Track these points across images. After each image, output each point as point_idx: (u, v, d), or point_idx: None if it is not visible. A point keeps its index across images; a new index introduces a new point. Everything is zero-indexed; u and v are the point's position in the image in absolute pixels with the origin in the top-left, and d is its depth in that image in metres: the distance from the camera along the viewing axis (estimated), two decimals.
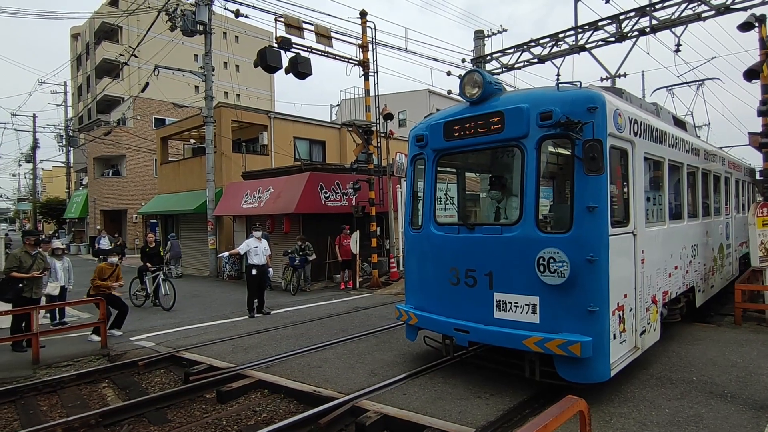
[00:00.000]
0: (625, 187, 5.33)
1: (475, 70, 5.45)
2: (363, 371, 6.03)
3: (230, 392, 5.57)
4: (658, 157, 6.20)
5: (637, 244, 5.32)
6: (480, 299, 5.17)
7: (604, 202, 4.61)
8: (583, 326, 4.56)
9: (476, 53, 16.84)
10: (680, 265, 6.85)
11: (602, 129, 4.64)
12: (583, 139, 4.50)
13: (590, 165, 4.42)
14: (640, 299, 5.35)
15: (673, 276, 6.52)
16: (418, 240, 6.01)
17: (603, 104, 4.69)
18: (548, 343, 4.56)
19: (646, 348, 5.54)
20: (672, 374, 5.59)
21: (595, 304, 4.54)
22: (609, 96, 4.97)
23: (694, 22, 11.77)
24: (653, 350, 5.99)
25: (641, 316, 5.39)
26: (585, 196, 4.62)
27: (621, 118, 5.02)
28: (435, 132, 5.76)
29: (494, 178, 6.03)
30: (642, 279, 5.41)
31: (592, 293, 4.56)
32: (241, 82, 35.45)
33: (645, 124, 5.71)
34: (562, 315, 4.67)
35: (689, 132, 8.41)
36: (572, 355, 4.45)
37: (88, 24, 43.00)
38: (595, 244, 4.57)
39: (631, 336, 5.21)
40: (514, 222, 5.07)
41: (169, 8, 17.15)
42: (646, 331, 5.50)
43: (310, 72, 13.12)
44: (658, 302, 5.94)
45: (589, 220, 4.59)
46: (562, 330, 4.64)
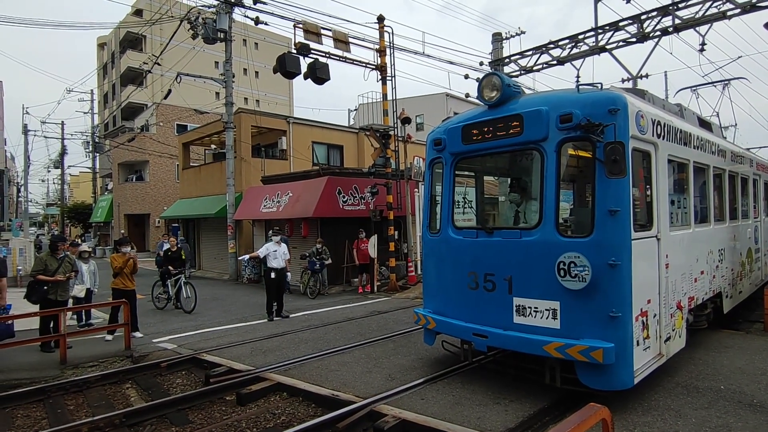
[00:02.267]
0: (648, 190, 5.22)
1: (494, 73, 5.42)
2: (381, 375, 6.02)
3: (250, 395, 5.63)
4: (682, 159, 6.06)
5: (660, 248, 5.20)
6: (499, 304, 5.12)
7: (626, 206, 4.52)
8: (605, 332, 4.47)
9: (494, 56, 16.74)
10: (706, 270, 6.66)
11: (624, 131, 4.56)
12: (605, 142, 4.42)
13: (612, 168, 4.34)
14: (664, 305, 5.22)
15: (699, 281, 6.35)
16: (436, 244, 5.98)
17: (624, 106, 4.62)
18: (569, 349, 4.48)
19: (671, 355, 5.40)
20: (698, 382, 5.43)
21: (618, 310, 4.44)
22: (631, 97, 4.88)
23: (719, 20, 11.47)
24: (679, 357, 5.84)
25: (666, 323, 5.26)
26: (606, 200, 4.54)
27: (643, 119, 4.93)
28: (453, 135, 5.74)
29: (513, 181, 5.98)
30: (666, 284, 5.29)
31: (615, 298, 4.48)
32: (260, 88, 35.95)
33: (668, 125, 5.59)
34: (584, 320, 4.59)
35: (715, 133, 8.20)
36: (594, 361, 4.36)
37: (114, 34, 44.25)
38: (617, 249, 4.49)
39: (656, 343, 5.09)
40: (533, 226, 5.01)
41: (191, 17, 17.56)
42: (671, 337, 5.37)
43: (329, 77, 13.23)
44: (683, 308, 5.79)
45: (610, 224, 4.51)
46: (584, 336, 4.55)
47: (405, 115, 15.54)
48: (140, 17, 40.23)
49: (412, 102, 29.02)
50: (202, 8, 17.86)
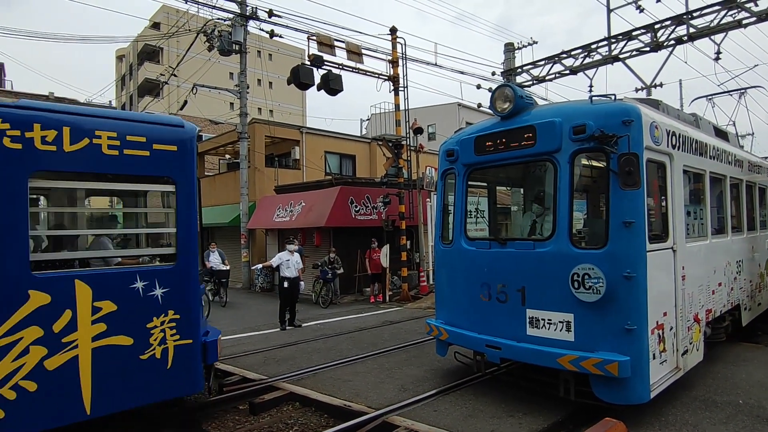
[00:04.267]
0: (664, 201, 5.18)
1: (507, 85, 5.45)
2: (393, 386, 6.00)
3: (262, 404, 5.63)
4: (698, 169, 6.01)
5: (677, 259, 5.15)
6: (512, 315, 5.09)
7: (641, 217, 4.50)
8: (621, 345, 4.42)
9: (506, 66, 16.83)
10: (724, 282, 6.56)
11: (638, 142, 4.55)
12: (618, 153, 4.41)
13: (626, 179, 4.33)
14: (681, 317, 5.15)
15: (716, 293, 6.25)
16: (448, 255, 5.99)
17: (639, 117, 4.61)
18: (584, 362, 4.44)
19: (688, 369, 5.31)
20: (717, 397, 5.33)
21: (633, 323, 4.40)
22: (645, 108, 4.87)
23: (735, 29, 11.41)
24: (696, 371, 5.73)
25: (683, 335, 5.19)
26: (621, 211, 4.52)
27: (658, 130, 4.91)
28: (466, 147, 5.77)
29: (526, 192, 5.98)
30: (683, 296, 5.22)
31: (630, 311, 4.43)
32: (273, 99, 36.41)
33: (683, 136, 5.55)
34: (598, 333, 4.55)
35: (731, 142, 8.10)
36: (609, 375, 4.32)
37: (132, 47, 45.31)
38: (632, 260, 4.45)
39: (672, 356, 5.02)
40: (546, 237, 5.00)
41: (207, 29, 17.95)
42: (688, 351, 5.29)
43: (342, 88, 13.39)
44: (700, 321, 5.70)
45: (625, 236, 4.48)
46: (599, 348, 4.51)
47: (417, 125, 15.62)
48: (158, 30, 41.19)
49: (424, 112, 29.13)
50: (218, 21, 18.25)
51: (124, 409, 4.59)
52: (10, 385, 3.90)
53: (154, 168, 4.75)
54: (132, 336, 4.52)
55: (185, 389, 5.07)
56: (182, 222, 4.83)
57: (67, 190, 5.18)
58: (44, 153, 4.14)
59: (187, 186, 4.89)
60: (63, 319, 4.16)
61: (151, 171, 4.77)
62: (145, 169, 4.68)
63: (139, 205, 5.86)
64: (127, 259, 4.98)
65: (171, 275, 4.74)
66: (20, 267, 4.01)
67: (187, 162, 4.90)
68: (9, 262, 3.95)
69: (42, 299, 4.09)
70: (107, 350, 4.36)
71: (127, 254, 5.21)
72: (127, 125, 4.59)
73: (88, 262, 4.74)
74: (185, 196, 4.87)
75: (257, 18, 16.42)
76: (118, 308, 4.43)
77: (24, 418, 3.98)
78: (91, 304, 4.30)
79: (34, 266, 4.11)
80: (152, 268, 4.76)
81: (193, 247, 4.90)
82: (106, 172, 4.60)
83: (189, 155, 4.92)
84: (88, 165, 4.38)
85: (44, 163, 4.17)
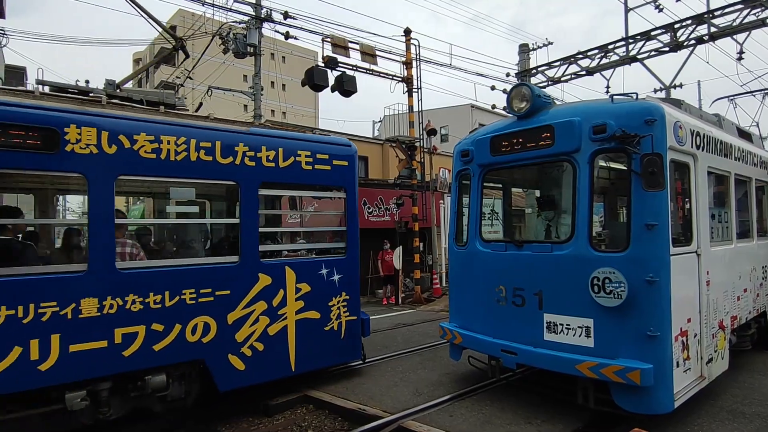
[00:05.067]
0: (688, 203, 5.01)
1: (523, 84, 5.33)
2: (407, 390, 5.91)
3: (276, 406, 5.61)
4: (723, 171, 5.81)
5: (701, 264, 4.97)
6: (529, 320, 4.96)
7: (664, 220, 4.34)
8: (643, 352, 4.27)
9: (521, 67, 16.65)
10: (750, 288, 6.34)
11: (662, 142, 4.40)
12: (641, 154, 4.27)
13: (649, 180, 4.19)
14: (705, 324, 4.97)
15: (741, 299, 6.04)
16: (463, 257, 5.88)
17: (662, 116, 4.46)
18: (604, 369, 4.30)
19: (713, 378, 5.12)
20: (744, 407, 5.14)
21: (656, 329, 4.24)
22: (668, 107, 4.72)
23: (758, 28, 11.11)
24: (721, 380, 5.54)
25: (707, 343, 5.00)
26: (644, 214, 4.37)
27: (681, 130, 4.75)
28: (481, 147, 5.65)
29: (544, 194, 5.84)
30: (707, 302, 5.04)
31: (652, 317, 4.28)
32: (287, 101, 36.59)
33: (708, 136, 5.37)
34: (619, 339, 4.39)
35: (755, 144, 7.85)
36: (631, 383, 4.16)
37: (149, 50, 45.96)
38: (655, 264, 4.30)
39: (697, 364, 4.84)
40: (565, 240, 4.86)
41: (222, 32, 18.11)
42: (713, 359, 5.10)
43: (356, 89, 13.34)
44: (725, 328, 5.51)
45: (648, 239, 4.33)
46: (619, 355, 4.36)
47: (431, 127, 15.53)
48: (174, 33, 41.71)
49: (437, 113, 28.98)
50: (233, 24, 18.38)
51: (314, 369, 5.98)
52: (248, 345, 5.28)
53: (333, 179, 6.10)
54: (319, 312, 5.87)
55: (351, 356, 6.41)
56: (350, 221, 6.18)
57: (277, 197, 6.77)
58: (268, 168, 5.48)
59: (353, 193, 6.24)
60: (278, 296, 5.51)
61: (332, 181, 6.11)
62: (328, 180, 6.06)
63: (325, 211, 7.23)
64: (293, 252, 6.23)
65: (343, 264, 6.08)
66: (254, 256, 5.36)
67: (353, 174, 6.26)
68: (250, 252, 5.32)
69: (266, 281, 5.42)
70: (304, 322, 5.72)
71: (318, 247, 6.62)
72: (316, 146, 5.92)
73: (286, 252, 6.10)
74: (352, 201, 6.20)
75: (272, 20, 16.48)
76: (311, 289, 5.78)
77: (255, 371, 5.34)
78: (294, 286, 5.64)
79: (261, 255, 5.43)
80: (332, 258, 6.08)
81: (356, 242, 6.22)
82: (303, 182, 5.88)
83: (354, 168, 6.28)
84: (293, 177, 5.73)
85: (267, 176, 5.49)
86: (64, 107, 4.43)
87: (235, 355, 5.19)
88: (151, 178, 5.01)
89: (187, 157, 4.91)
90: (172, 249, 6.54)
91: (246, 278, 5.26)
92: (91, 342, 4.32)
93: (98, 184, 4.44)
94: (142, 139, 4.66)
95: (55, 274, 4.29)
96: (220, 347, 5.08)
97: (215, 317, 5.05)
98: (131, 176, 4.78)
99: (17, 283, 4.04)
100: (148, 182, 5.72)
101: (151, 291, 4.65)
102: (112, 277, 4.46)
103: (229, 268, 5.21)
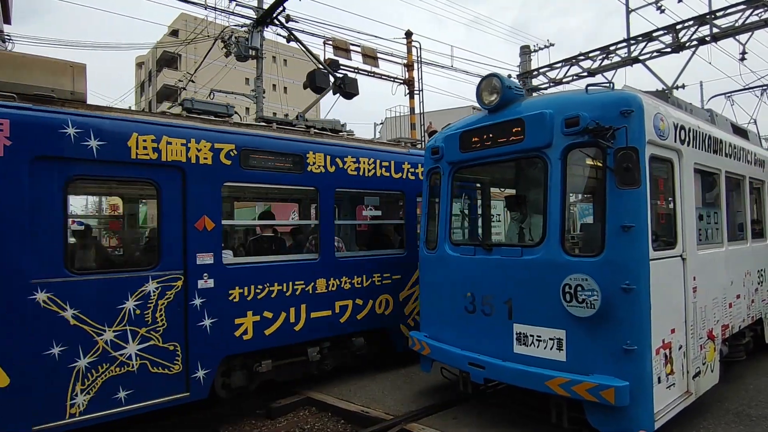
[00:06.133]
0: (671, 203, 4.59)
1: (493, 75, 4.92)
2: (410, 392, 5.80)
3: (279, 408, 5.59)
4: (712, 168, 5.39)
5: (686, 269, 4.55)
6: (498, 330, 4.55)
7: (642, 221, 3.93)
8: (619, 368, 3.85)
9: (522, 68, 16.49)
10: (744, 294, 5.90)
11: (638, 135, 3.99)
12: (615, 148, 3.86)
13: (624, 177, 3.78)
14: (692, 335, 4.55)
15: (734, 306, 5.60)
16: (432, 261, 5.47)
17: (639, 107, 4.04)
18: (576, 386, 3.88)
19: (701, 393, 4.69)
20: (750, 410, 4.97)
21: (633, 342, 3.82)
22: (648, 98, 4.31)
23: (761, 28, 10.82)
24: (728, 383, 5.45)
25: (694, 355, 4.58)
26: (619, 214, 3.95)
27: (663, 123, 4.33)
28: (451, 143, 5.26)
29: (516, 193, 5.44)
30: (694, 311, 4.62)
31: (629, 328, 3.86)
32: (288, 103, 36.33)
33: (695, 130, 4.95)
34: (593, 353, 3.98)
35: (752, 141, 7.41)
36: (605, 402, 3.75)
37: (151, 54, 45.84)
38: (631, 270, 3.88)
39: (682, 379, 4.42)
40: (536, 243, 4.44)
41: (224, 36, 17.98)
42: (700, 372, 4.67)
43: (357, 92, 13.21)
44: (716, 338, 5.08)
45: (624, 242, 3.91)
46: (594, 371, 3.94)
47: (432, 129, 15.26)
48: (176, 37, 41.52)
49: (438, 115, 28.55)
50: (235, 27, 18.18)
51: None
52: (411, 318, 6.78)
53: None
54: None
55: None
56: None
57: None
58: (418, 181, 6.72)
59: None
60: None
61: (393, 187, 6.85)
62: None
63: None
64: None
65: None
66: (413, 249, 6.54)
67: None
68: (413, 246, 6.67)
69: None
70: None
71: None
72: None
73: None
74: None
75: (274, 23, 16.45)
76: None
77: None
78: None
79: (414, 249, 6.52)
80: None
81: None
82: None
83: None
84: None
85: (417, 187, 6.58)
86: (304, 138, 6.06)
87: (404, 325, 6.68)
88: (354, 190, 6.68)
89: (375, 173, 6.54)
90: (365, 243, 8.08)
91: (410, 266, 6.52)
92: (323, 311, 5.88)
93: (324, 195, 5.99)
94: (349, 161, 6.26)
95: (302, 260, 5.85)
96: (395, 319, 6.62)
97: (392, 295, 6.60)
98: (343, 189, 6.29)
99: (282, 266, 5.61)
100: (351, 193, 7.23)
101: (355, 274, 6.20)
102: (333, 263, 6.00)
103: (399, 257, 6.72)
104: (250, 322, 5.25)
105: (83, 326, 4.24)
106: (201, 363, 4.87)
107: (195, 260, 4.86)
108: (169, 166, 4.77)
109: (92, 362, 4.27)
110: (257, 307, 5.29)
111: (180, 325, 4.77)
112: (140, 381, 4.50)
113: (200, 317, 4.88)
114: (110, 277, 4.48)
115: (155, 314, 4.63)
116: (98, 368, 4.30)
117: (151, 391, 4.57)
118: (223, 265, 5.08)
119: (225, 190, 5.23)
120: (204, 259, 4.92)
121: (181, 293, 4.77)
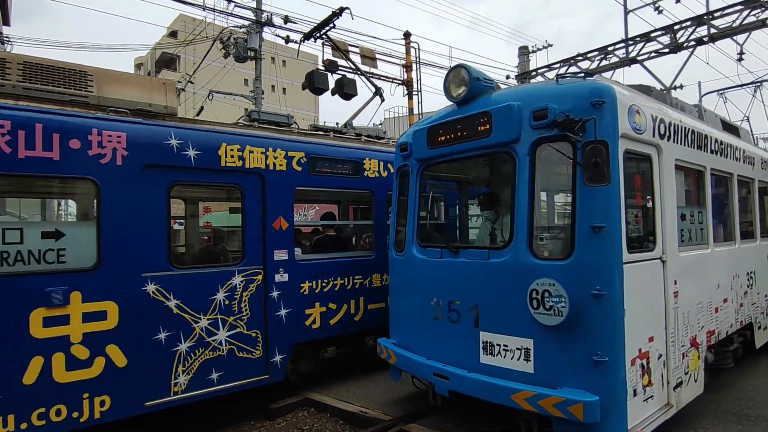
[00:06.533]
0: (650, 201, 4.29)
1: (460, 65, 4.62)
2: (410, 393, 5.59)
3: (278, 409, 5.57)
4: (696, 165, 5.09)
5: (667, 272, 4.24)
6: (464, 338, 4.24)
7: (614, 221, 3.62)
8: (589, 380, 3.54)
9: (520, 69, 16.43)
10: (731, 298, 5.59)
11: (609, 128, 3.68)
12: (584, 141, 3.56)
13: (592, 173, 3.49)
14: (673, 343, 4.24)
15: (721, 311, 5.29)
16: (400, 264, 5.17)
17: (612, 98, 3.74)
18: (542, 400, 3.57)
19: (683, 405, 4.38)
20: (748, 410, 4.98)
21: (604, 353, 3.51)
22: (623, 89, 4.01)
23: (758, 29, 10.65)
24: (724, 382, 5.53)
25: (675, 364, 4.27)
26: (589, 213, 3.65)
27: (639, 116, 4.03)
28: (418, 139, 4.96)
29: (481, 191, 5.15)
30: (676, 317, 4.31)
31: (600, 338, 3.55)
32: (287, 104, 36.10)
33: (676, 125, 4.65)
34: (562, 364, 3.67)
35: (743, 138, 7.11)
36: (573, 419, 3.44)
37: (150, 54, 45.59)
38: (603, 274, 3.58)
39: (661, 391, 4.11)
40: (503, 245, 4.14)
41: (223, 37, 17.77)
42: (682, 383, 4.36)
43: (356, 93, 13.07)
44: (700, 345, 4.77)
45: (594, 244, 3.61)
46: (563, 383, 3.63)
47: None
48: (175, 38, 41.23)
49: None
50: (234, 28, 17.94)
51: None
52: None
53: None
54: None
55: None
56: None
57: None
58: None
59: None
60: None
61: None
62: None
63: None
64: None
65: None
66: None
67: None
68: None
69: None
70: None
71: None
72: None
73: None
74: None
75: (273, 24, 16.33)
76: None
77: None
78: None
79: None
80: None
81: None
82: None
83: None
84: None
85: None
86: (361, 146, 6.60)
87: None
88: None
89: None
90: None
91: None
92: (377, 303, 6.32)
93: (378, 198, 6.49)
94: None
95: (361, 257, 6.38)
96: None
97: None
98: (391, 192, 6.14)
99: (344, 263, 6.15)
100: None
101: None
102: None
103: None
104: (317, 312, 5.83)
105: (184, 314, 4.76)
106: (278, 349, 5.41)
107: (273, 256, 5.40)
108: (251, 173, 5.32)
109: (191, 346, 4.80)
110: (323, 299, 5.88)
111: (260, 315, 5.30)
112: (229, 364, 5.03)
113: (277, 308, 5.43)
114: (204, 272, 5.05)
115: (240, 305, 5.16)
116: (195, 352, 4.82)
117: (238, 374, 5.09)
118: (296, 261, 5.63)
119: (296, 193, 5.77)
120: (280, 256, 5.47)
121: (261, 286, 5.32)
